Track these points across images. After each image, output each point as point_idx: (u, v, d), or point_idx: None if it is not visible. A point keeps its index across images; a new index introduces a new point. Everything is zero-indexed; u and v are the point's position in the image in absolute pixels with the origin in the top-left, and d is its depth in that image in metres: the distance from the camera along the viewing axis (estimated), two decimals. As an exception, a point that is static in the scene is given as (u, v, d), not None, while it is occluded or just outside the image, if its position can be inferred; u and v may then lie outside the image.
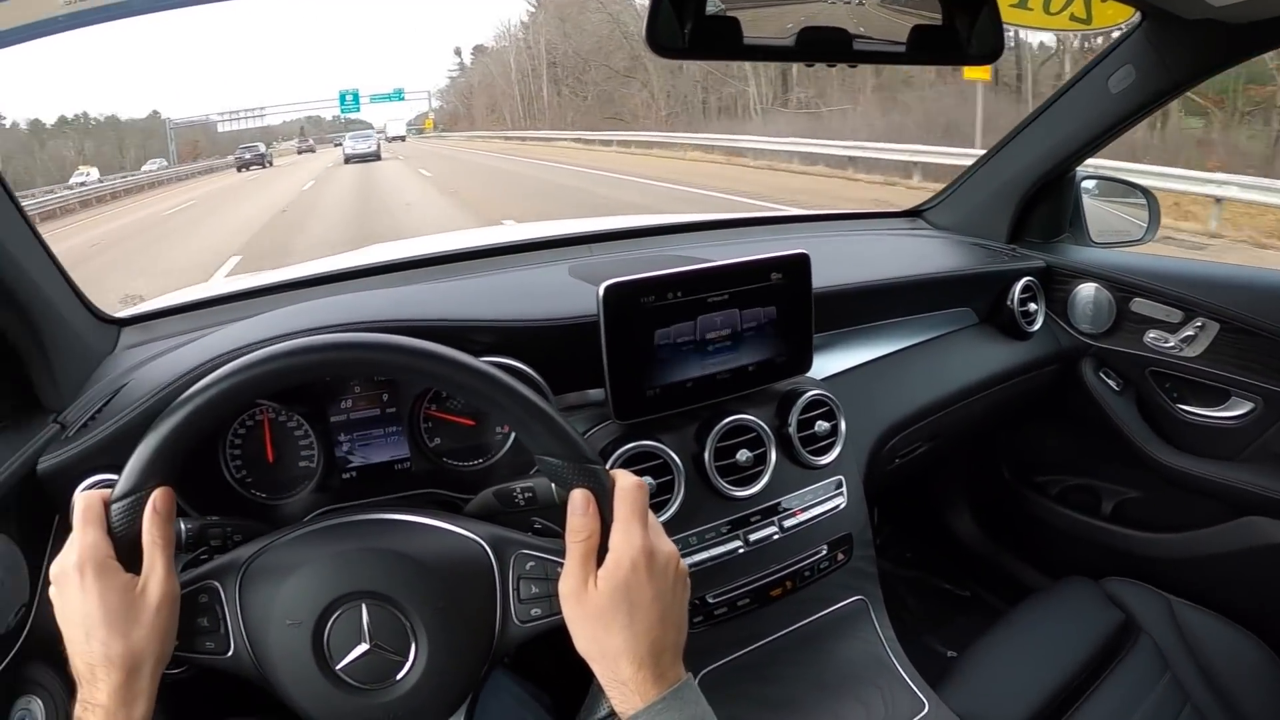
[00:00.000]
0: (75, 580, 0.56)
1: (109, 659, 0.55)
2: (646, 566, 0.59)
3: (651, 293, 0.85)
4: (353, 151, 31.10)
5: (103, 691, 0.55)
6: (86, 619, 0.56)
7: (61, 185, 25.13)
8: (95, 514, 0.58)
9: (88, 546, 0.57)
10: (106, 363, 0.98)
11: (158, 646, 0.57)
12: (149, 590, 0.57)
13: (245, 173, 31.60)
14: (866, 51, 1.09)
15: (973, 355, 1.29)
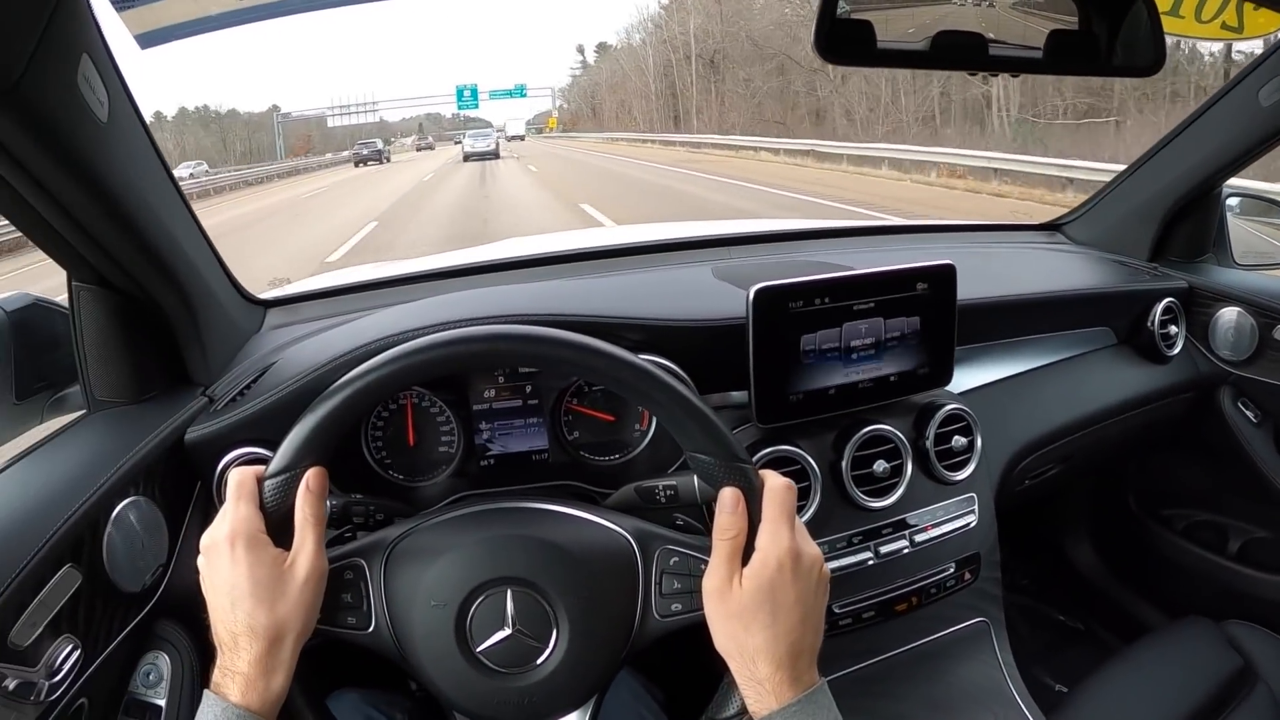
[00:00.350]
0: (226, 551, 0.58)
1: (253, 629, 0.57)
2: (792, 568, 0.59)
3: (799, 298, 0.86)
4: (471, 149, 32.24)
5: (244, 660, 0.57)
6: (234, 589, 0.57)
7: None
8: (249, 489, 0.60)
9: (240, 520, 0.59)
10: (253, 341, 1.04)
11: (301, 620, 0.58)
12: (297, 565, 0.59)
13: (363, 168, 32.42)
14: (1002, 58, 1.07)
15: (1110, 377, 1.23)
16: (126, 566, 0.75)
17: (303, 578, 0.59)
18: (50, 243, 0.76)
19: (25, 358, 0.85)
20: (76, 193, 0.70)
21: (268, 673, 0.57)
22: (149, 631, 0.79)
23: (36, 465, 0.78)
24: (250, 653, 0.57)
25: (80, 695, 0.68)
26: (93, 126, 0.68)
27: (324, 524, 0.61)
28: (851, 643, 0.96)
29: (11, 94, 0.58)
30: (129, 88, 0.74)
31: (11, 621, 0.61)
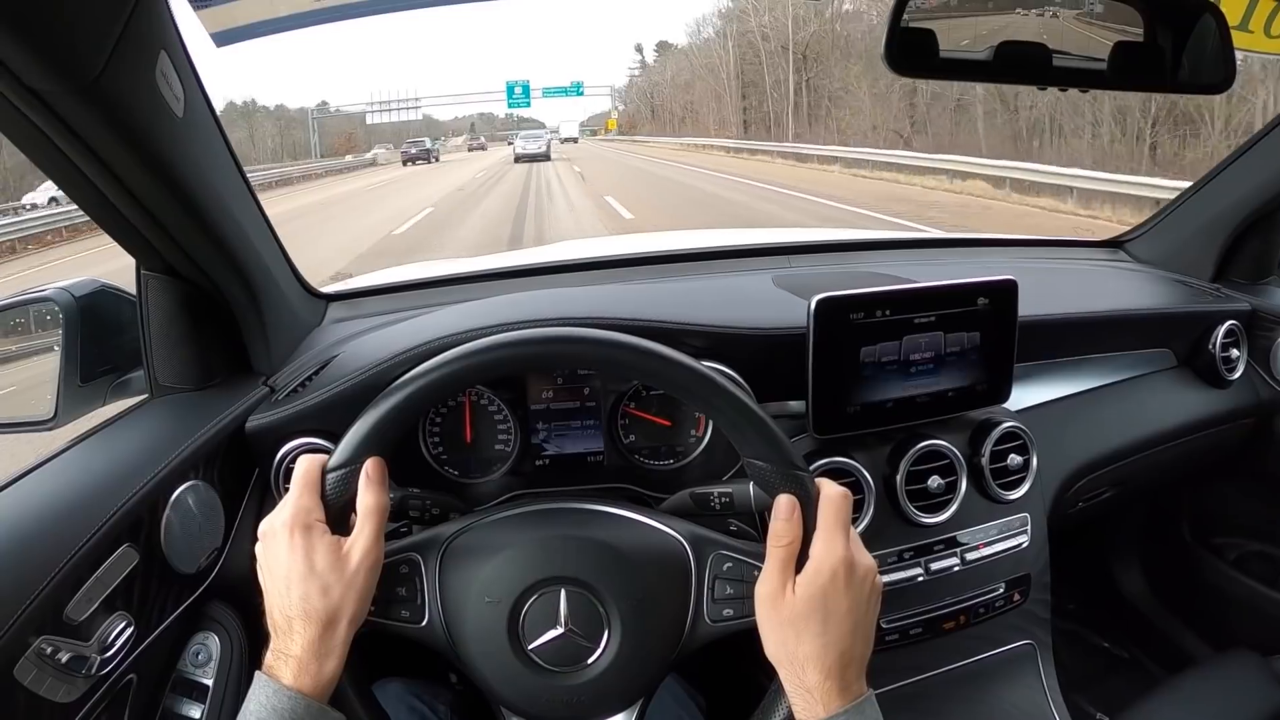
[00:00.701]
0: (284, 537, 0.59)
1: (307, 613, 0.57)
2: (845, 577, 0.59)
3: (861, 309, 0.85)
4: (523, 151, 31.81)
5: (297, 644, 0.57)
6: (290, 574, 0.58)
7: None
8: (312, 479, 0.61)
9: (301, 508, 0.60)
10: (315, 334, 1.05)
11: (355, 606, 0.59)
12: (354, 552, 0.59)
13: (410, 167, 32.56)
14: (1066, 70, 1.04)
15: (1168, 400, 1.20)
16: (182, 548, 0.77)
17: (358, 564, 0.59)
18: (122, 232, 0.78)
19: (91, 342, 0.88)
20: (151, 185, 0.72)
21: (320, 657, 0.58)
22: (200, 612, 0.80)
23: (99, 446, 0.80)
24: (304, 637, 0.57)
25: (130, 671, 0.70)
26: (169, 121, 0.70)
27: (384, 514, 0.62)
28: (897, 659, 0.94)
29: (92, 88, 0.59)
30: (203, 85, 0.76)
31: (68, 597, 0.63)
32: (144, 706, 0.74)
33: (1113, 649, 1.56)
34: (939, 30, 0.97)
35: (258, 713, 0.55)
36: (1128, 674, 1.53)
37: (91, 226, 0.82)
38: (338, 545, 0.60)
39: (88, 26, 0.57)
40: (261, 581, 0.61)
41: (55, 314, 0.88)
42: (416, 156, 35.47)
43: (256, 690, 0.57)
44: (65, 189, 0.71)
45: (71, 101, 0.60)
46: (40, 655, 0.60)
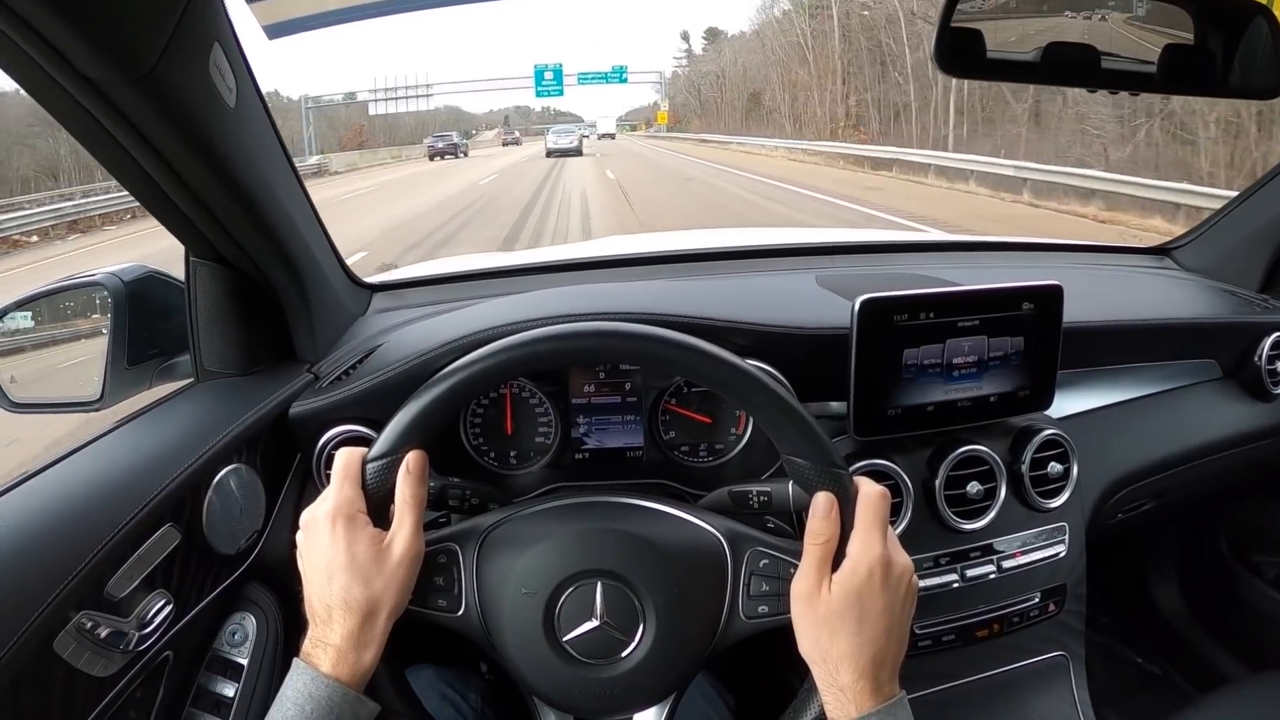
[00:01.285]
0: (326, 528, 0.59)
1: (348, 604, 0.58)
2: (882, 576, 0.59)
3: (905, 311, 0.84)
4: (554, 146, 32.06)
5: (336, 633, 0.58)
6: (331, 564, 0.59)
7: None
8: (353, 470, 0.62)
9: (343, 499, 0.60)
10: (359, 323, 1.07)
11: (395, 598, 0.60)
12: (395, 544, 0.60)
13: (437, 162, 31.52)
14: (1115, 73, 1.03)
15: (1212, 412, 1.17)
16: (223, 530, 0.78)
17: (399, 556, 0.60)
18: (172, 219, 0.80)
19: (138, 326, 0.90)
20: (203, 173, 0.73)
21: (359, 647, 0.58)
22: (238, 593, 0.82)
23: (145, 428, 0.81)
24: (344, 626, 0.58)
25: (166, 649, 0.71)
26: (222, 111, 0.71)
27: (423, 506, 0.62)
28: (929, 665, 0.94)
29: (147, 78, 0.61)
30: (255, 77, 0.77)
31: (110, 574, 0.64)
32: (179, 683, 0.75)
33: (1145, 664, 1.53)
34: (986, 31, 0.96)
35: (295, 699, 0.56)
36: (1159, 691, 1.50)
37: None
38: (379, 537, 0.60)
39: (144, 17, 0.58)
40: (302, 570, 0.62)
41: (104, 298, 0.90)
42: (443, 151, 34.42)
43: (294, 677, 0.58)
44: (118, 176, 0.73)
45: (126, 90, 0.61)
46: (80, 630, 0.61)
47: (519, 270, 1.24)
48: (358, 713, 0.58)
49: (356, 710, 0.58)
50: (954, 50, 0.84)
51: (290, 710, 0.56)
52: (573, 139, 33.00)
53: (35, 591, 0.58)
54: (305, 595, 0.61)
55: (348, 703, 0.57)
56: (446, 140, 36.52)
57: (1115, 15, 1.07)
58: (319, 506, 0.61)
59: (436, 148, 35.06)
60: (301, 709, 0.56)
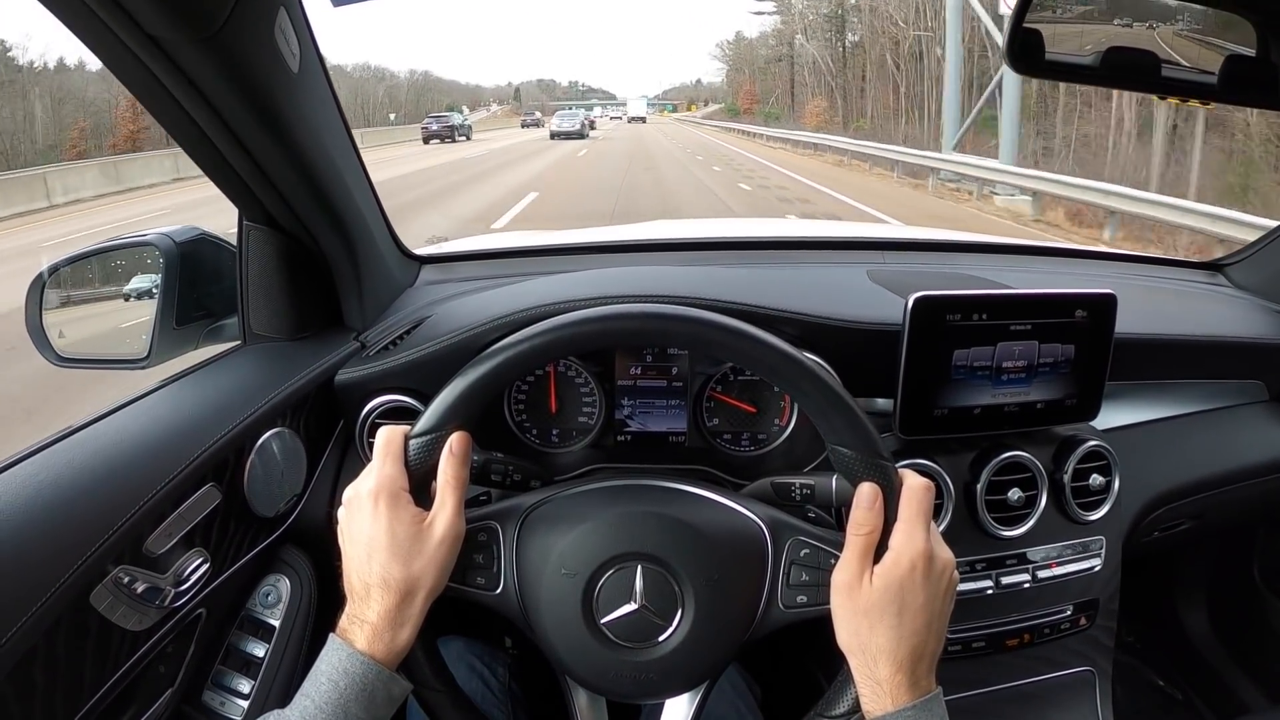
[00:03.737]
0: (368, 506, 0.59)
1: (386, 582, 0.58)
2: (924, 570, 0.58)
3: (958, 311, 0.83)
4: (557, 129, 33.15)
5: (374, 611, 0.58)
6: (371, 542, 0.58)
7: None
8: (396, 448, 0.61)
9: (385, 477, 0.60)
10: (407, 294, 1.07)
11: (434, 579, 0.59)
12: (436, 524, 0.60)
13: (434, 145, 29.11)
14: (1174, 80, 1.01)
15: (1256, 435, 1.15)
16: (263, 492, 0.79)
17: (439, 537, 0.59)
18: (228, 182, 0.80)
19: (188, 287, 0.90)
20: (263, 138, 0.73)
21: (395, 626, 0.58)
22: (274, 555, 0.83)
23: (190, 388, 0.82)
24: (381, 605, 0.58)
25: (200, 606, 0.72)
26: (285, 76, 0.71)
27: (465, 487, 0.62)
28: (956, 670, 0.92)
29: (214, 40, 0.61)
30: (318, 43, 0.77)
31: (150, 530, 0.65)
32: (210, 641, 0.76)
33: (1167, 688, 1.50)
34: (1049, 34, 0.95)
35: (329, 674, 0.56)
36: (1179, 715, 1.48)
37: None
38: (420, 517, 0.60)
39: None
40: (342, 546, 0.61)
41: (156, 258, 0.91)
42: (438, 134, 30.71)
43: (329, 652, 0.58)
44: (177, 138, 0.73)
45: (192, 51, 0.62)
46: (117, 583, 0.62)
47: (568, 249, 1.24)
48: (390, 691, 0.58)
49: (390, 688, 0.58)
50: (1024, 49, 0.83)
51: (324, 685, 0.56)
52: (575, 123, 34.19)
53: (75, 544, 0.59)
54: (344, 571, 0.61)
55: (381, 681, 0.57)
56: (443, 122, 32.74)
57: (1174, 27, 1.06)
58: (362, 483, 0.61)
59: (431, 129, 31.25)
60: (335, 684, 0.56)
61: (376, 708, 0.57)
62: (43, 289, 0.90)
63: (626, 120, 52.22)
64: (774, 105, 49.67)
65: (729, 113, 54.96)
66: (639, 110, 57.04)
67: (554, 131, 33.12)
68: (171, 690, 0.71)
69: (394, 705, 0.58)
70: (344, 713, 0.55)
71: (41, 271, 0.91)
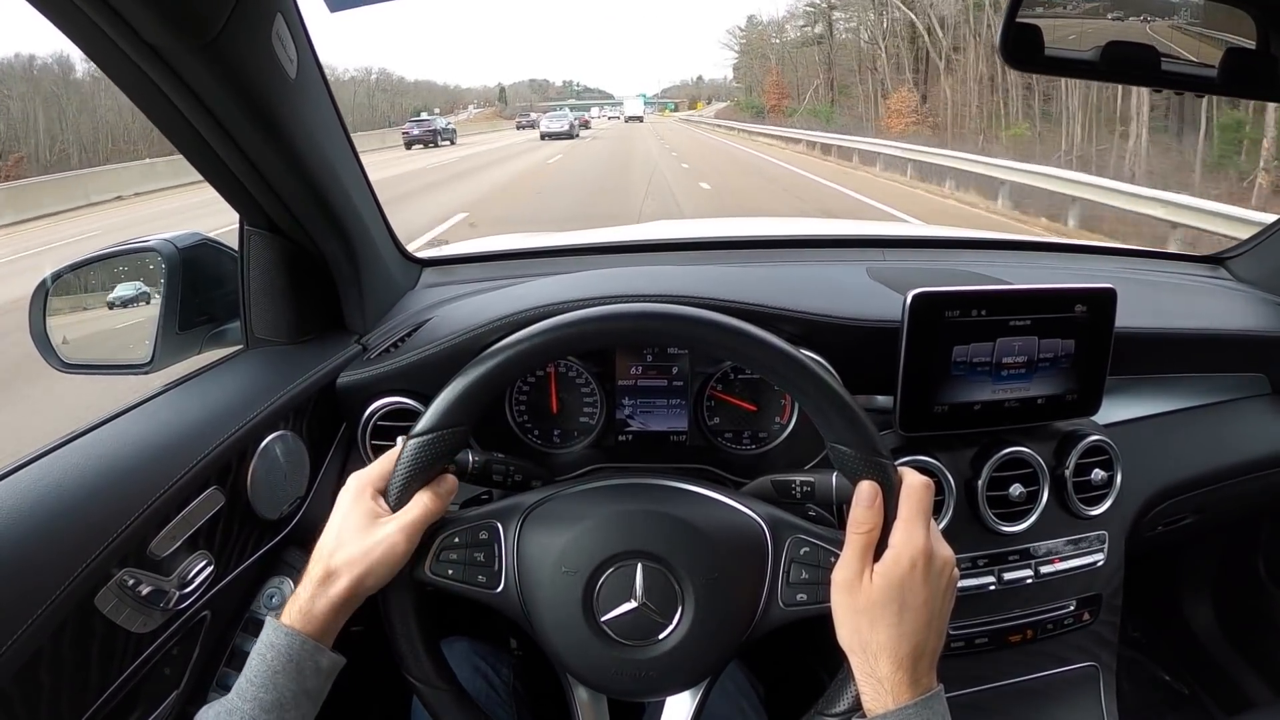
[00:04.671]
0: (346, 492, 0.64)
1: (319, 555, 0.61)
2: (924, 567, 0.58)
3: (956, 307, 0.83)
4: (547, 130, 33.88)
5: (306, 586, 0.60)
6: (329, 523, 0.63)
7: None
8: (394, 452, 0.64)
9: (367, 472, 0.64)
10: (408, 297, 1.08)
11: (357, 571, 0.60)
12: (384, 528, 0.61)
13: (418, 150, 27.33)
14: (1174, 74, 1.01)
15: (1259, 428, 1.14)
16: (267, 495, 0.79)
17: (379, 538, 0.61)
18: (229, 188, 0.81)
19: (191, 292, 0.91)
20: (262, 143, 0.74)
21: (314, 597, 0.60)
22: (278, 558, 0.83)
23: (193, 392, 0.82)
24: (309, 578, 0.61)
25: (205, 608, 0.72)
26: (282, 82, 0.72)
27: (427, 521, 0.63)
28: (959, 667, 0.92)
29: (211, 47, 0.61)
30: (315, 49, 0.78)
31: (154, 533, 0.65)
32: (215, 642, 0.77)
33: (1173, 683, 1.50)
34: (1045, 27, 0.95)
35: (259, 649, 0.59)
36: (1186, 710, 1.47)
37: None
38: (375, 513, 0.62)
39: None
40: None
41: (158, 263, 0.91)
42: (420, 138, 29.20)
43: (264, 630, 0.60)
44: (177, 144, 0.74)
45: (190, 59, 0.62)
46: (121, 586, 0.62)
47: (569, 250, 1.24)
48: (318, 661, 0.59)
49: (317, 659, 0.59)
50: (1018, 44, 0.83)
51: (254, 660, 0.58)
52: (563, 124, 35.07)
53: (80, 547, 0.59)
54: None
55: (306, 651, 0.58)
56: (424, 126, 31.24)
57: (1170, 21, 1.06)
58: (361, 473, 0.65)
59: (413, 134, 29.74)
60: (263, 657, 0.58)
61: (305, 678, 0.58)
62: (46, 296, 0.91)
63: (624, 120, 52.02)
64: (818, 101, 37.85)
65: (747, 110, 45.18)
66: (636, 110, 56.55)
67: (544, 132, 34.00)
68: (176, 692, 0.71)
69: (324, 677, 0.60)
70: (272, 683, 0.57)
71: (45, 278, 0.91)
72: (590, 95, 54.18)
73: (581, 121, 44.61)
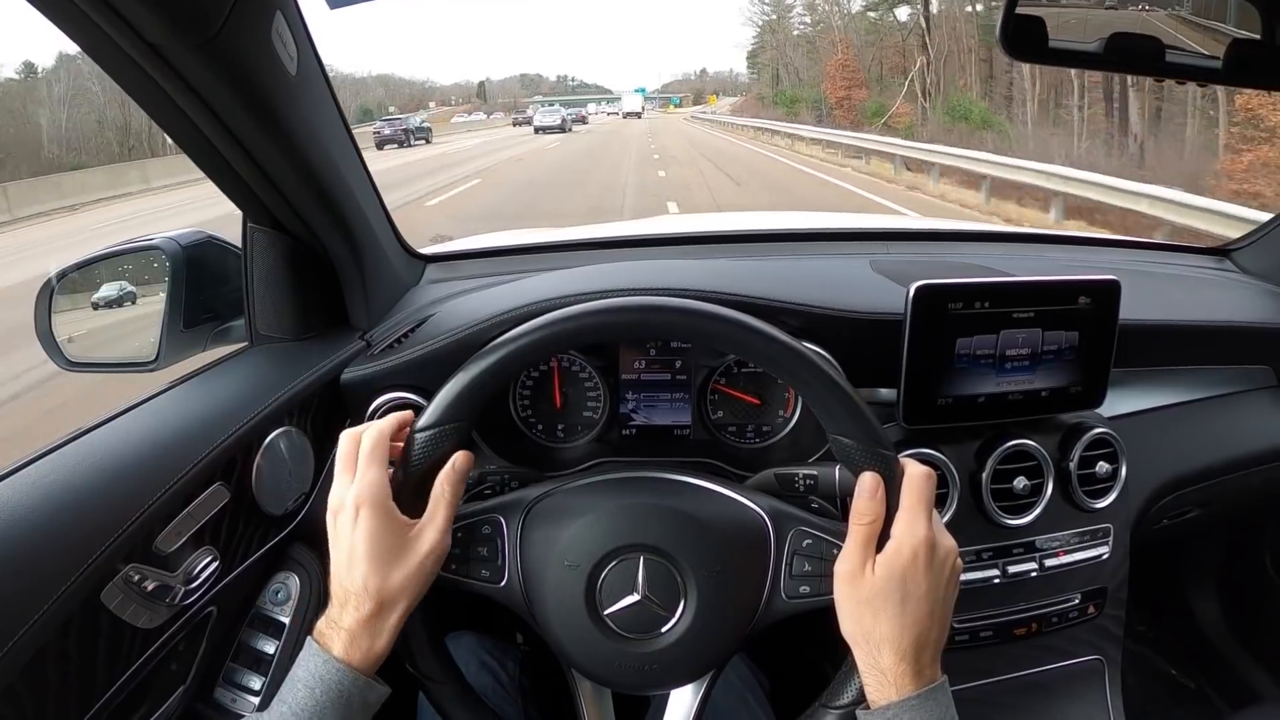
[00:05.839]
0: (350, 515, 0.59)
1: (365, 590, 0.58)
2: (926, 558, 0.58)
3: (959, 299, 0.83)
4: (540, 124, 35.69)
5: (350, 618, 0.58)
6: (353, 551, 0.58)
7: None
8: (380, 453, 0.61)
9: (367, 484, 0.59)
10: (412, 293, 1.08)
11: (413, 591, 0.59)
12: (423, 538, 0.59)
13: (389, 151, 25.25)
14: (1179, 65, 1.01)
15: (1264, 421, 1.14)
16: (272, 490, 0.79)
17: (424, 551, 0.59)
18: (232, 186, 0.81)
19: (195, 290, 0.91)
20: (264, 141, 0.74)
21: (372, 634, 0.58)
22: (284, 553, 0.83)
23: (198, 389, 0.83)
24: (358, 613, 0.58)
25: (211, 604, 0.72)
26: (283, 79, 0.72)
27: (456, 505, 0.62)
28: (964, 660, 0.92)
29: (210, 45, 0.61)
30: (315, 45, 0.78)
31: (159, 529, 0.65)
32: (221, 638, 0.77)
33: (1179, 677, 1.50)
34: (1049, 18, 0.95)
35: (305, 680, 0.57)
36: (1192, 705, 1.47)
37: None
38: (407, 527, 0.60)
39: None
40: (330, 552, 0.61)
41: (162, 262, 0.91)
42: (392, 138, 27.41)
43: (306, 659, 0.58)
44: (179, 142, 0.74)
45: (190, 57, 0.62)
46: (127, 582, 0.62)
47: (572, 245, 1.24)
48: (367, 697, 0.58)
49: (366, 694, 0.58)
50: (1019, 35, 0.83)
51: (300, 692, 0.56)
52: (555, 119, 36.80)
53: (85, 543, 0.59)
54: (331, 575, 0.61)
55: (358, 687, 0.57)
56: (395, 125, 29.31)
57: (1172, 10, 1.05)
58: (346, 491, 0.60)
59: (384, 134, 27.69)
60: (311, 691, 0.56)
61: (352, 713, 0.57)
62: (51, 295, 0.91)
63: (622, 116, 51.80)
64: (968, 95, 22.13)
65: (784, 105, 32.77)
66: (634, 105, 55.14)
67: (537, 126, 35.90)
68: (183, 688, 0.72)
69: (369, 711, 0.59)
70: (319, 719, 0.55)
71: (50, 278, 0.92)
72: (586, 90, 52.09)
73: (578, 117, 46.39)
